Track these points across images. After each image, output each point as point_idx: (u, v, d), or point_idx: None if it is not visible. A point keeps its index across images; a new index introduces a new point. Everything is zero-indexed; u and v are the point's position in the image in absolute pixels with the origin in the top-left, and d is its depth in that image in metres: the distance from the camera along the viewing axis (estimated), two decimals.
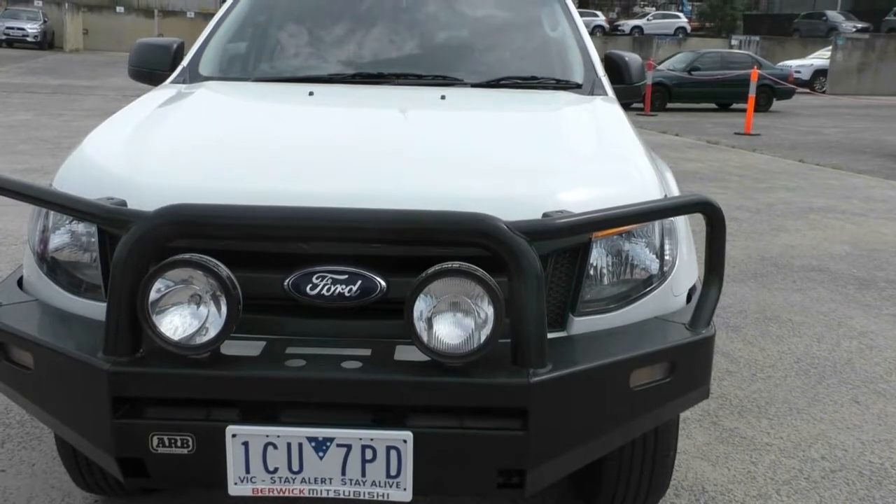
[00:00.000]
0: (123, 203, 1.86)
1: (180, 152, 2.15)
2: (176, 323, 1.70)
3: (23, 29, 33.99)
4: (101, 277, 1.93)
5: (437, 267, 1.68)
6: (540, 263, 1.72)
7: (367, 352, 1.79)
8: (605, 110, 2.76)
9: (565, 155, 2.21)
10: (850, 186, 9.31)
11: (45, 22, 35.35)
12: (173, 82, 3.06)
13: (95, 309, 1.93)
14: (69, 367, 1.77)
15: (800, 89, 22.88)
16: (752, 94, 15.17)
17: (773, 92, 20.00)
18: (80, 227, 1.99)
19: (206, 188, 1.89)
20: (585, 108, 2.76)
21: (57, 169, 2.20)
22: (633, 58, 3.32)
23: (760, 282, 5.29)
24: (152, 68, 3.28)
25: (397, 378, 1.71)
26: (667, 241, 2.08)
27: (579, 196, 1.96)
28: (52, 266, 2.04)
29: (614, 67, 3.26)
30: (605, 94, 3.03)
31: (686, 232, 2.21)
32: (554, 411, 1.74)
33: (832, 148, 13.09)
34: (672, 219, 2.08)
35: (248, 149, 2.19)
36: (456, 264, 1.68)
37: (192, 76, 3.07)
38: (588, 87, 3.04)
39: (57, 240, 2.03)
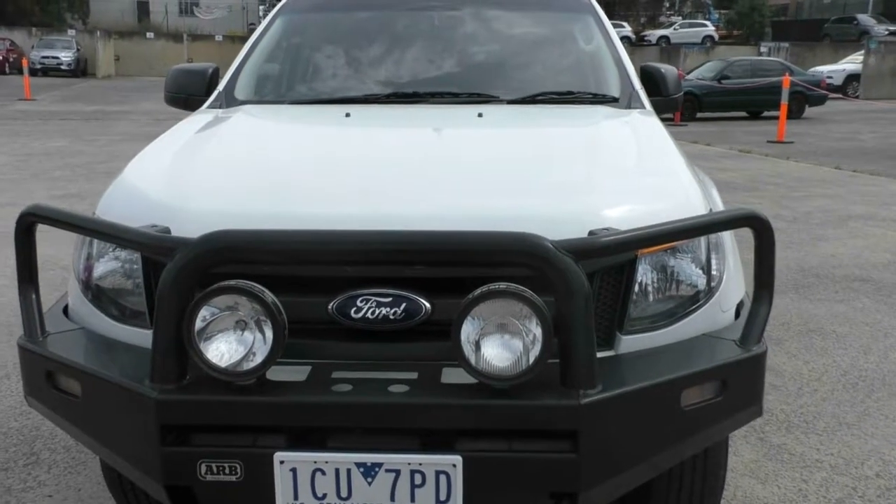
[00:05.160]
0: (167, 230, 1.86)
1: (222, 178, 2.16)
2: (222, 349, 1.69)
3: (57, 57, 34.76)
4: (145, 304, 1.94)
5: (483, 288, 1.66)
6: (588, 282, 1.69)
7: (413, 375, 1.77)
8: (645, 124, 2.72)
9: (608, 171, 2.19)
10: (889, 193, 9.14)
11: (78, 50, 36.13)
12: (209, 107, 3.08)
13: (140, 336, 1.93)
14: (117, 395, 1.77)
15: (832, 95, 22.59)
16: (784, 102, 14.99)
17: (805, 98, 19.76)
18: (124, 255, 1.99)
19: (248, 213, 1.89)
20: (624, 123, 2.74)
21: (92, 194, 2.22)
22: (668, 69, 3.29)
23: (802, 293, 5.20)
24: (188, 94, 3.31)
25: (446, 401, 1.69)
26: (713, 256, 2.04)
27: (624, 212, 1.93)
28: (97, 294, 2.05)
29: (650, 80, 3.23)
30: (643, 107, 3.00)
31: (732, 246, 2.17)
32: (605, 433, 1.70)
33: (868, 154, 12.88)
34: (718, 233, 2.04)
35: (289, 172, 2.20)
36: (503, 285, 1.66)
37: (228, 101, 3.09)
38: (625, 101, 3.01)
39: (101, 268, 2.04)
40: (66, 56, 35.03)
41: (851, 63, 29.72)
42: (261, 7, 50.80)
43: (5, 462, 3.01)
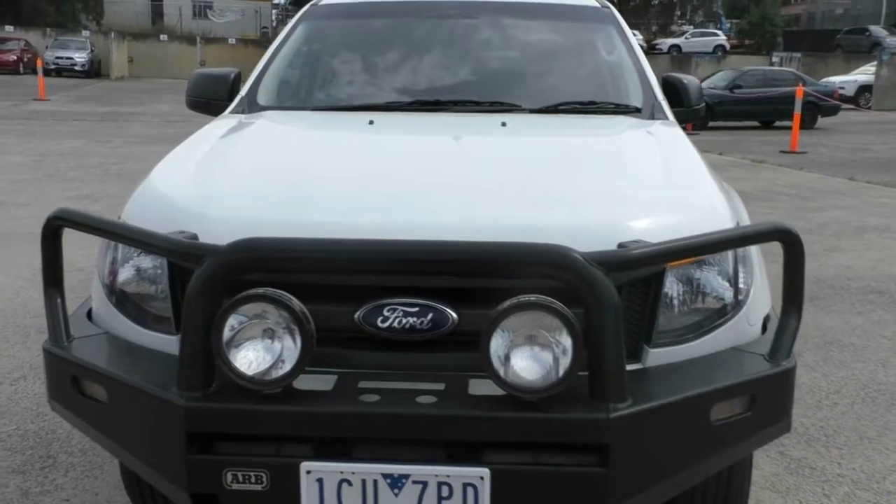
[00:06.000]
0: (195, 237, 1.86)
1: (248, 184, 2.16)
2: (250, 357, 1.68)
3: (71, 58, 34.89)
4: (170, 310, 1.94)
5: (513, 300, 1.65)
6: (617, 295, 1.67)
7: (440, 386, 1.76)
8: (669, 135, 2.71)
9: (635, 182, 2.17)
10: None
11: (92, 51, 36.26)
12: (232, 112, 3.08)
13: (165, 342, 1.93)
14: (143, 401, 1.77)
15: (845, 105, 22.50)
16: (797, 112, 14.94)
17: (817, 109, 19.70)
18: (150, 261, 1.99)
19: (275, 221, 1.89)
20: (649, 134, 2.72)
21: (106, 196, 2.22)
22: (691, 80, 3.28)
23: (818, 304, 5.16)
24: (210, 98, 3.31)
25: (474, 413, 1.68)
26: (741, 269, 2.03)
27: (653, 224, 1.92)
28: (122, 299, 2.05)
29: (672, 90, 3.22)
30: (666, 117, 2.99)
31: (759, 259, 2.15)
32: (635, 447, 1.69)
33: (882, 165, 12.82)
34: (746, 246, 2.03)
35: (315, 180, 2.19)
36: (532, 297, 1.65)
37: (251, 106, 3.09)
38: (648, 111, 2.99)
39: (126, 273, 2.04)
40: (80, 57, 35.17)
41: (864, 74, 29.62)
42: (273, 11, 51.02)
43: (22, 465, 3.01)
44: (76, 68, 34.69)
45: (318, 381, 1.77)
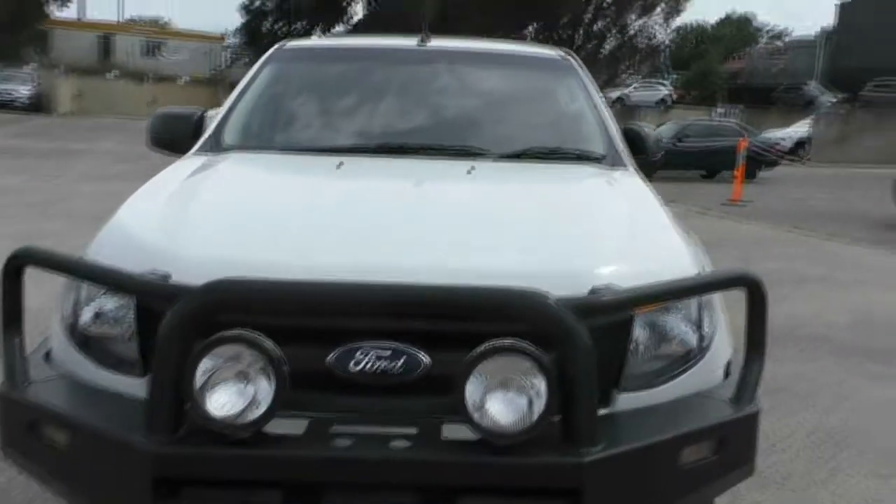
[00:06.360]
0: (167, 276, 1.83)
1: (221, 224, 2.15)
2: (223, 401, 1.66)
3: (15, 91, 34.14)
4: (137, 352, 1.90)
5: (488, 344, 1.66)
6: (590, 340, 1.70)
7: (413, 430, 1.75)
8: (632, 183, 2.78)
9: (603, 230, 2.23)
10: (844, 255, 9.40)
11: (37, 85, 35.60)
12: (198, 152, 3.06)
13: (129, 385, 1.89)
14: (108, 446, 1.73)
15: (784, 158, 23.27)
16: (740, 164, 15.40)
17: (758, 161, 20.30)
18: (114, 301, 1.95)
19: (249, 261, 1.88)
20: (613, 182, 2.79)
21: (50, 234, 2.18)
22: (649, 131, 3.38)
23: (766, 352, 5.27)
24: (173, 137, 3.29)
25: (449, 458, 1.68)
26: (705, 316, 2.08)
27: (621, 271, 1.96)
28: (84, 340, 2.00)
29: (632, 140, 3.30)
30: (626, 167, 3.06)
31: (721, 306, 2.21)
32: (607, 491, 1.71)
33: (821, 216, 13.25)
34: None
35: (288, 221, 2.19)
36: (507, 342, 1.66)
37: (217, 146, 3.07)
38: (610, 160, 3.06)
39: (89, 313, 2.00)
40: (24, 90, 34.46)
41: (800, 128, 30.74)
42: (224, 53, 50.91)
43: None
44: (19, 102, 33.91)
45: (289, 426, 1.75)
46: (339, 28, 45.41)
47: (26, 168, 14.81)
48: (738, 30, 61.72)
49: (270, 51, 3.67)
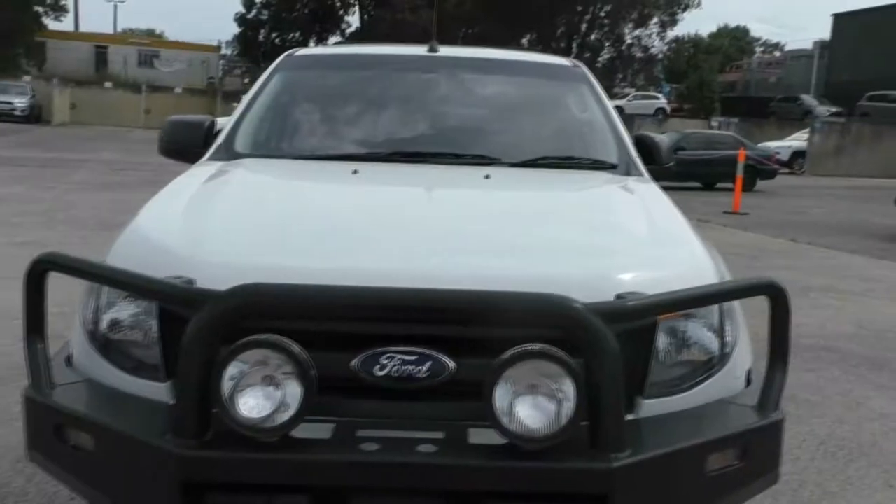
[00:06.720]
0: (192, 282, 1.83)
1: (243, 231, 2.14)
2: (250, 405, 1.65)
3: (10, 103, 34.15)
4: (159, 357, 1.89)
5: (517, 349, 1.66)
6: (617, 345, 1.70)
7: (439, 435, 1.75)
8: (649, 190, 2.79)
9: (625, 236, 2.23)
10: (844, 266, 9.41)
11: (33, 96, 35.61)
12: (210, 159, 3.06)
13: (152, 389, 1.88)
14: (135, 450, 1.72)
15: (782, 170, 23.36)
16: (740, 174, 15.45)
17: (757, 172, 20.37)
18: (136, 306, 1.95)
19: (274, 267, 1.87)
20: (630, 189, 2.79)
21: (55, 243, 2.17)
22: (662, 139, 3.39)
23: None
24: (185, 145, 3.28)
25: (477, 463, 1.67)
26: (727, 323, 2.08)
27: (644, 278, 1.96)
28: (105, 345, 1.99)
29: (644, 148, 3.31)
30: (641, 174, 3.07)
31: (741, 313, 2.21)
32: (635, 497, 1.70)
33: (820, 228, 13.28)
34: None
35: (310, 227, 2.19)
36: (537, 346, 1.66)
37: (229, 153, 3.07)
38: (623, 168, 3.07)
39: (111, 318, 1.99)
40: (20, 102, 34.47)
41: (797, 140, 30.87)
42: (220, 62, 51.01)
43: None
44: (16, 113, 33.92)
45: (315, 430, 1.74)
46: (334, 39, 45.57)
47: (26, 178, 14.78)
48: (735, 39, 62.08)
49: (279, 59, 3.67)
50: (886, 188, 13.97)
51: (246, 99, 3.42)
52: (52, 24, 45.62)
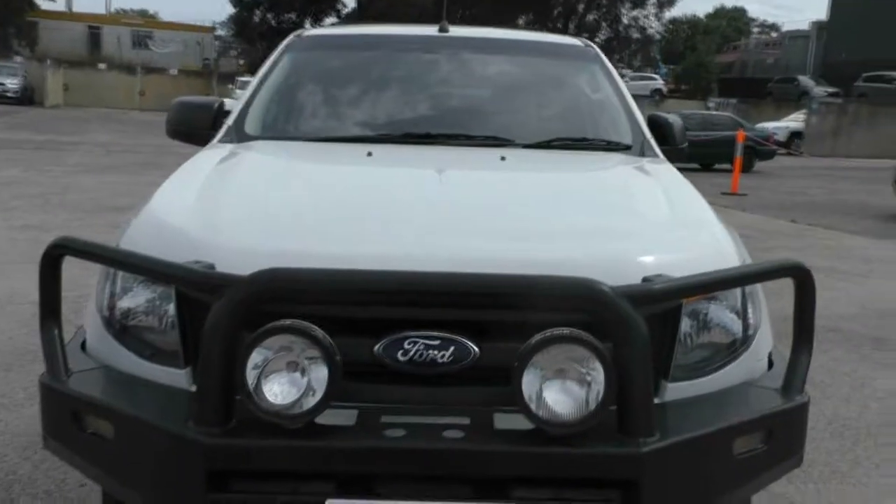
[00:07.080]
0: (212, 266, 1.80)
1: (261, 215, 2.11)
2: (275, 391, 1.63)
3: (3, 84, 33.87)
4: (178, 343, 1.86)
5: (546, 333, 1.63)
6: (646, 329, 1.68)
7: (465, 420, 1.73)
8: (666, 172, 2.76)
9: (649, 219, 2.20)
10: (846, 246, 9.42)
11: (25, 77, 35.31)
12: (220, 142, 3.01)
13: (170, 375, 1.86)
14: (156, 438, 1.69)
15: (780, 150, 23.32)
16: (739, 155, 15.41)
17: (755, 153, 20.32)
18: (152, 291, 1.92)
19: (295, 251, 1.84)
20: (647, 171, 2.76)
21: (54, 226, 2.13)
22: (675, 120, 3.35)
23: (779, 341, 5.27)
24: (192, 127, 3.24)
25: (504, 448, 1.65)
26: (750, 306, 2.06)
27: (668, 261, 1.94)
28: (121, 331, 1.97)
29: (658, 129, 3.27)
30: (656, 155, 3.03)
31: (763, 295, 2.19)
32: (665, 482, 1.68)
33: (820, 208, 13.27)
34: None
35: (328, 211, 2.16)
36: (566, 331, 1.64)
37: (239, 136, 3.03)
38: (637, 149, 3.04)
39: (127, 304, 1.96)
40: (12, 83, 34.17)
41: (794, 121, 30.82)
42: (216, 44, 50.60)
43: None
44: (8, 95, 33.63)
45: (338, 416, 1.72)
46: (330, 20, 45.21)
47: (21, 160, 14.68)
48: (733, 20, 61.83)
49: (288, 39, 3.61)
50: (884, 168, 13.93)
51: (255, 80, 3.37)
52: (44, 3, 45.11)
